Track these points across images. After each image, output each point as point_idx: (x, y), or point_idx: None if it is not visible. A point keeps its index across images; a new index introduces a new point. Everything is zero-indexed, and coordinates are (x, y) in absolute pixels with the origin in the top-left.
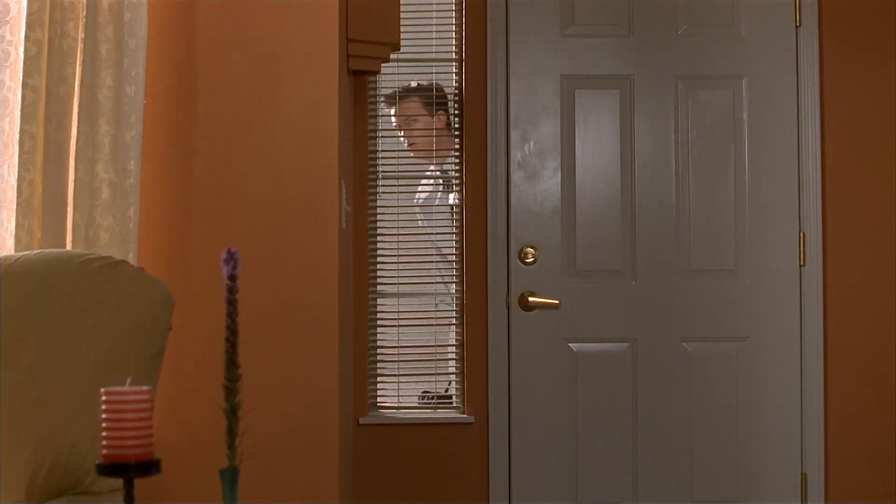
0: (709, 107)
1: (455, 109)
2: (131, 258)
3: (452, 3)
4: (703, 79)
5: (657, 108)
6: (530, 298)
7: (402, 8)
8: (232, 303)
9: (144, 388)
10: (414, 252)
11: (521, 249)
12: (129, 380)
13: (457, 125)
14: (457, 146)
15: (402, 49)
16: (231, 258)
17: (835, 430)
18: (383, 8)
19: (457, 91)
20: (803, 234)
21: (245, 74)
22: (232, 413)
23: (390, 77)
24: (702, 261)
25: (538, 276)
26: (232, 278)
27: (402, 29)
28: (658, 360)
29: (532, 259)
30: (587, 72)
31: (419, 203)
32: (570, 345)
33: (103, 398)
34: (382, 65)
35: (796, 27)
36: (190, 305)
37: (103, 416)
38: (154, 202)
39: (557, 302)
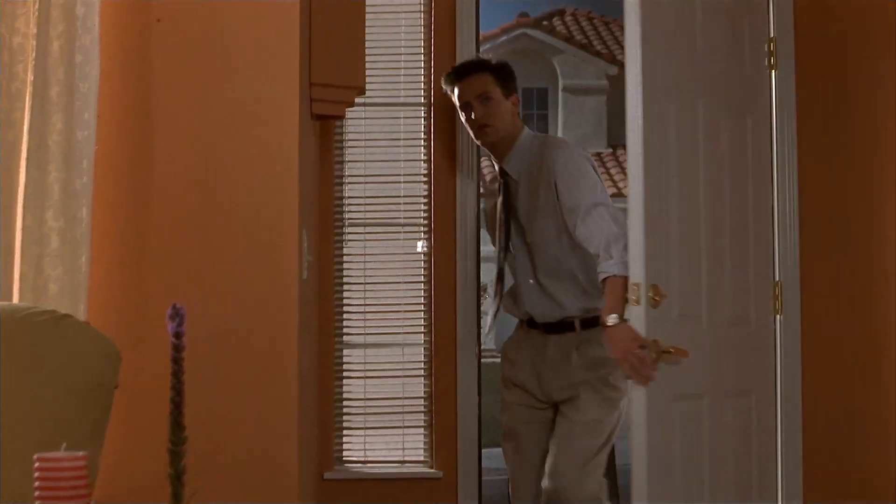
0: None
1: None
2: (81, 310)
3: (421, 47)
4: None
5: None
6: None
7: (368, 52)
8: (177, 361)
9: (79, 454)
10: (381, 301)
11: None
12: (63, 445)
13: (425, 171)
14: (425, 193)
15: (370, 93)
16: (176, 314)
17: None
18: (348, 52)
19: (424, 137)
20: (780, 282)
21: (202, 120)
22: (176, 478)
23: (356, 121)
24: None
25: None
26: (177, 335)
27: (369, 72)
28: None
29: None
30: None
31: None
32: None
33: (36, 465)
34: (347, 109)
35: (770, 69)
36: (141, 361)
37: (36, 483)
38: (105, 252)
39: None
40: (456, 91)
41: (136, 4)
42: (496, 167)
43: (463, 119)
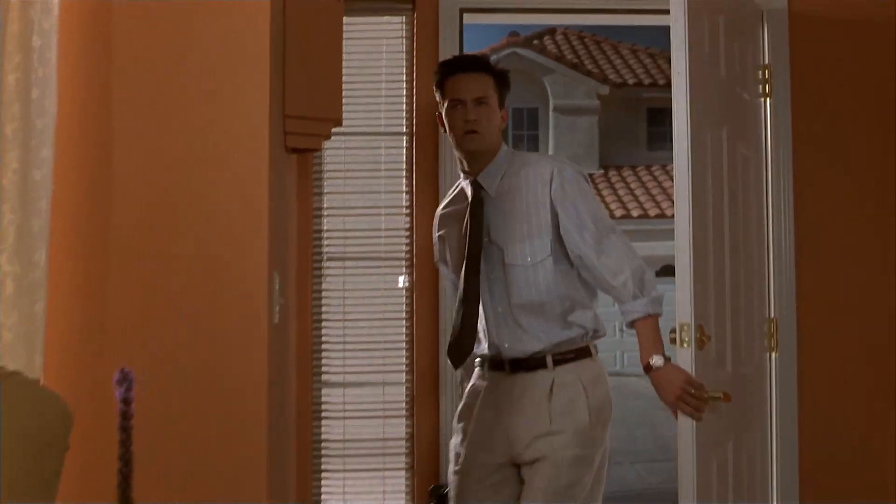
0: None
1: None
2: (37, 361)
3: (403, 74)
4: None
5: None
6: None
7: (347, 79)
8: (126, 430)
9: None
10: (361, 338)
11: None
12: None
13: (406, 203)
14: (407, 225)
15: (350, 122)
16: (125, 378)
17: None
18: (324, 83)
19: (406, 167)
20: (775, 319)
21: (166, 158)
22: None
23: (336, 151)
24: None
25: None
26: (126, 401)
27: (348, 101)
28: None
29: None
30: None
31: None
32: None
33: None
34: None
35: (765, 97)
36: (97, 422)
37: None
38: (63, 299)
39: None
40: (448, 84)
41: (96, 35)
42: (466, 183)
43: (444, 118)
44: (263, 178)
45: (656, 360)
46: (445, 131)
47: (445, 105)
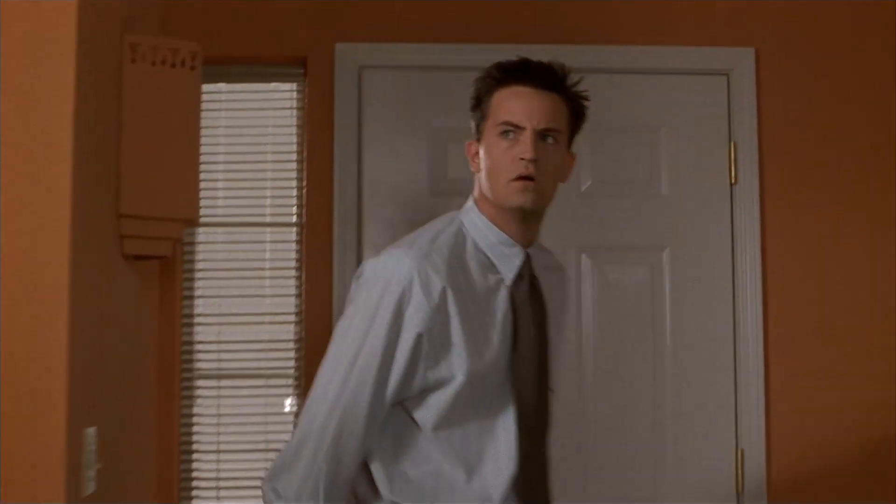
0: (620, 286)
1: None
2: None
3: (294, 154)
4: (611, 250)
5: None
6: None
7: (228, 161)
8: None
9: None
10: (239, 474)
11: None
12: None
13: (295, 309)
14: (295, 337)
15: (229, 211)
16: None
17: None
18: (173, 174)
19: (297, 266)
20: (742, 450)
21: None
22: None
23: (210, 245)
24: (609, 488)
25: None
26: None
27: (228, 186)
28: None
29: None
30: None
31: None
32: None
33: None
34: (201, 229)
35: (731, 185)
36: None
37: None
38: None
39: None
40: (502, 98)
41: None
42: (497, 248)
43: (479, 149)
44: (62, 307)
45: None
46: (476, 170)
47: (487, 128)
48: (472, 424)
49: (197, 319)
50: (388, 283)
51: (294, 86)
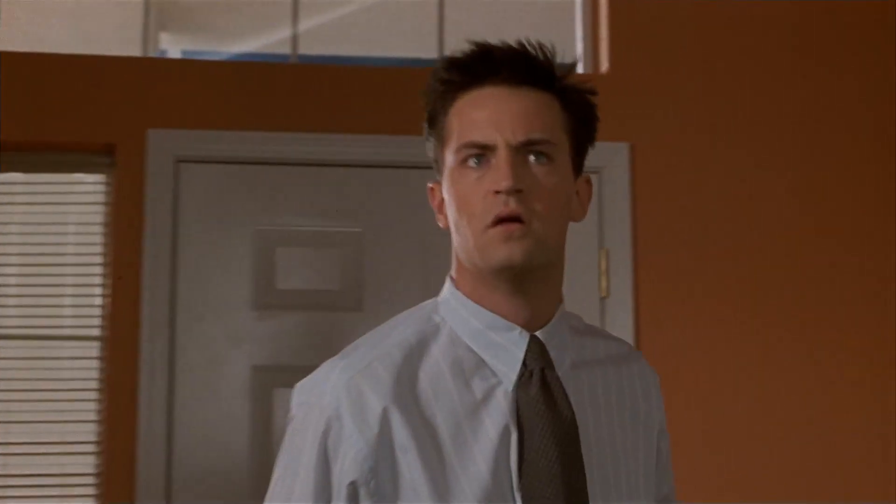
0: None
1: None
2: None
3: (98, 255)
4: None
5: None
6: None
7: (20, 263)
8: None
9: None
10: None
11: None
12: None
13: (94, 437)
14: (94, 471)
15: (18, 322)
16: None
17: None
18: None
19: (99, 386)
20: None
21: None
22: None
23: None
24: None
25: None
26: None
27: (20, 293)
28: None
29: None
30: (283, 361)
31: None
32: None
33: None
34: None
35: (602, 298)
36: None
37: None
38: None
39: None
40: (459, 109)
41: None
42: (510, 361)
43: (444, 192)
44: None
45: None
46: (444, 226)
47: (447, 158)
48: None
49: None
50: (309, 414)
51: (102, 177)
